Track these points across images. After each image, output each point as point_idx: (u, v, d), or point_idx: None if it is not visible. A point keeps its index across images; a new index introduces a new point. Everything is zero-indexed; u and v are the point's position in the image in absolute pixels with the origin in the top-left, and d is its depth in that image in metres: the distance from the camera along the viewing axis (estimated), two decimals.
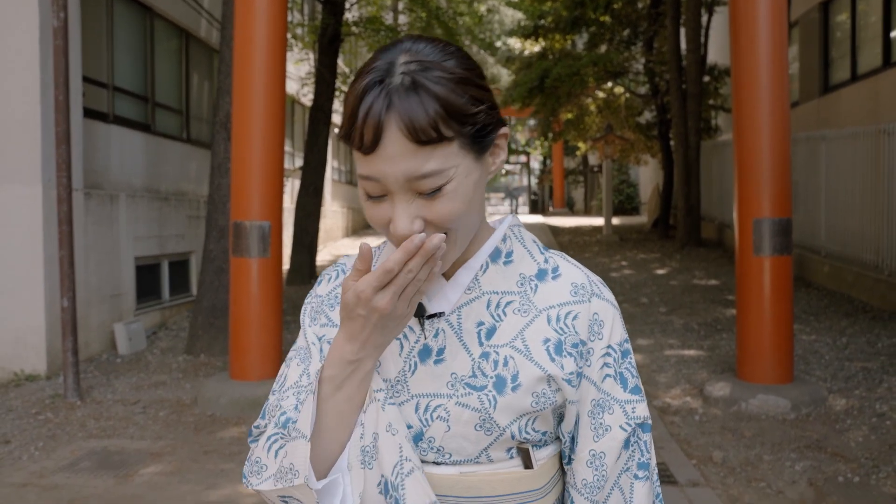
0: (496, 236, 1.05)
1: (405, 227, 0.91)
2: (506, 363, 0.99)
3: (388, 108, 0.88)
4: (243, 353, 5.39)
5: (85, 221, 6.66)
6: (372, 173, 0.91)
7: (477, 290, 1.02)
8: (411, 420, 1.00)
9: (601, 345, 1.01)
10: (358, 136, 0.90)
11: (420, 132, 0.87)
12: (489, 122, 0.95)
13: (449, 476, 1.00)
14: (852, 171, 8.46)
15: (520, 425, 0.99)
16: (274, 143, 5.38)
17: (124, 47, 7.85)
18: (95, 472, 4.17)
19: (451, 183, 0.91)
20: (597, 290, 1.03)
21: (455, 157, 0.91)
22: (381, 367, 1.02)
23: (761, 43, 4.94)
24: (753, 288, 5.03)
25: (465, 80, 0.91)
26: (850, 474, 3.94)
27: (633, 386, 1.03)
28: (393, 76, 0.89)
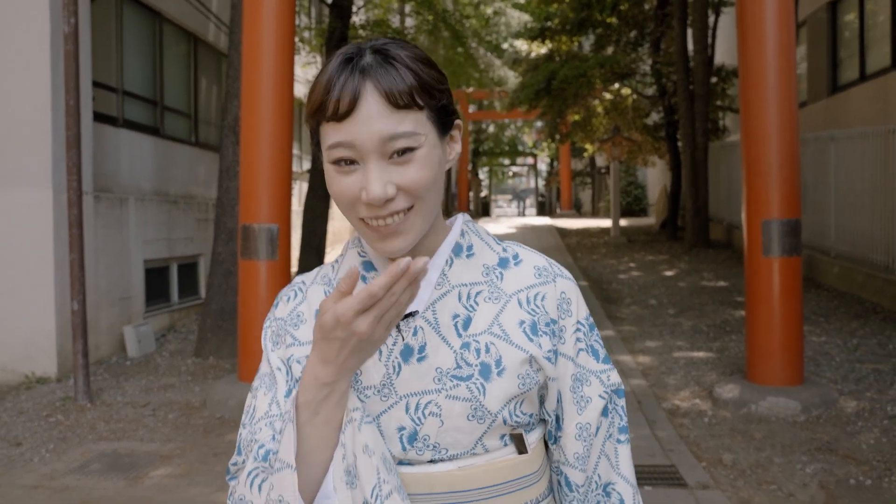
0: (454, 232, 1.09)
1: (378, 190, 0.94)
2: (487, 350, 1.01)
3: (364, 75, 0.94)
4: (252, 356, 5.40)
5: (95, 224, 6.69)
6: (346, 138, 0.94)
7: (446, 284, 1.04)
8: (403, 422, 1.00)
9: (571, 321, 1.07)
10: (333, 104, 0.94)
11: (398, 95, 0.93)
12: (450, 104, 1.01)
13: (448, 472, 1.01)
14: (861, 172, 8.42)
15: (510, 409, 1.02)
16: (282, 146, 5.40)
17: (133, 52, 7.89)
18: (105, 475, 4.18)
19: (422, 149, 0.96)
20: (558, 271, 1.09)
21: (424, 125, 0.97)
22: (364, 374, 1.02)
23: (769, 43, 4.93)
24: (763, 289, 5.01)
25: (428, 62, 0.99)
26: (861, 477, 3.92)
27: (604, 356, 1.10)
28: (363, 57, 0.95)
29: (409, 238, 0.99)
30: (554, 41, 16.82)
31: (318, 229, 10.87)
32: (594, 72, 15.20)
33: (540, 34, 16.80)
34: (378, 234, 0.98)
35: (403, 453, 1.01)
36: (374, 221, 0.97)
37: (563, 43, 16.80)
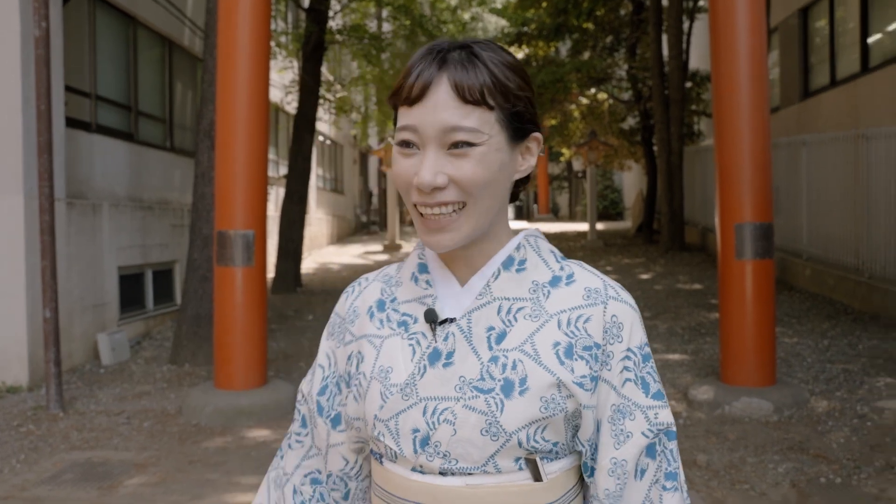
0: (510, 245, 1.07)
1: (428, 176, 0.96)
2: (514, 367, 0.99)
3: (441, 67, 0.97)
4: (228, 363, 5.37)
5: (67, 231, 6.62)
6: (412, 121, 0.97)
7: (488, 295, 1.03)
8: (418, 424, 1.01)
9: (621, 347, 1.01)
10: (408, 89, 0.97)
11: (467, 90, 0.95)
12: (528, 112, 1.02)
13: (455, 488, 1.00)
14: (832, 176, 8.56)
15: (528, 432, 0.98)
16: (258, 152, 5.38)
17: (107, 56, 7.82)
18: (78, 484, 4.13)
19: (482, 147, 0.97)
20: (613, 294, 1.03)
21: (491, 126, 0.97)
22: (393, 371, 1.04)
23: (741, 49, 5.00)
24: (736, 292, 5.08)
25: (517, 69, 1.01)
26: (832, 475, 3.98)
27: (656, 391, 1.02)
28: (452, 51, 0.99)
29: (455, 237, 0.99)
30: (531, 46, 16.92)
31: (295, 235, 10.84)
32: (571, 77, 15.31)
33: (517, 39, 16.90)
34: (426, 227, 1.00)
35: (415, 456, 1.01)
36: (424, 209, 0.99)
37: (540, 48, 16.90)
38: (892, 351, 6.06)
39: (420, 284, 1.08)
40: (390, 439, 1.03)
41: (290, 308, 9.46)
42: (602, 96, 17.73)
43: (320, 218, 18.12)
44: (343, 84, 15.94)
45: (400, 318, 1.08)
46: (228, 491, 4.02)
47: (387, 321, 1.09)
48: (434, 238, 0.99)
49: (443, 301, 1.06)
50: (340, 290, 10.99)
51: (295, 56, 12.87)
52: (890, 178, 7.31)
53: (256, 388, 5.37)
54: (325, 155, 19.68)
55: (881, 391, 5.12)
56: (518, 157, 1.03)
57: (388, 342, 1.07)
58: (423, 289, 1.08)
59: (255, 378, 5.38)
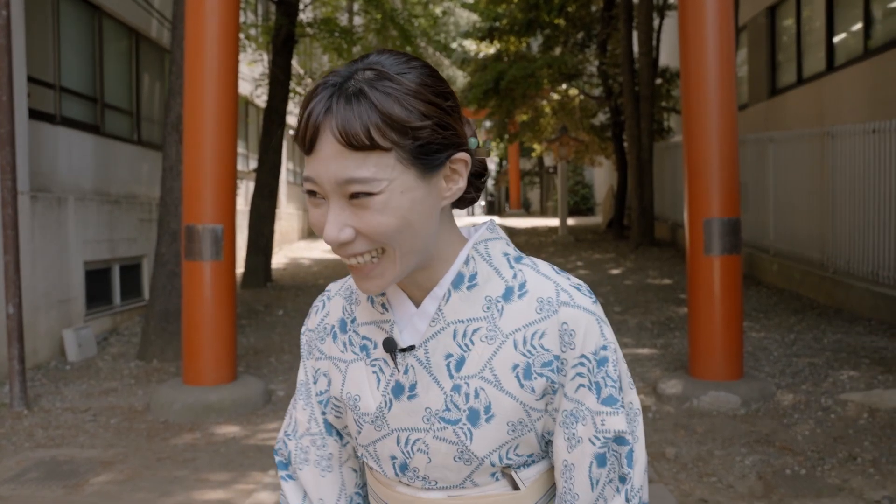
0: (459, 259, 1.01)
1: (333, 233, 0.90)
2: (476, 395, 0.98)
3: (326, 112, 0.88)
4: (197, 359, 5.31)
5: (31, 225, 6.49)
6: (309, 172, 0.92)
7: (441, 321, 1.00)
8: (395, 452, 1.03)
9: (574, 354, 0.98)
10: (300, 137, 0.91)
11: (351, 136, 0.87)
12: (436, 141, 0.92)
13: (439, 500, 1.03)
14: (799, 172, 8.69)
15: (500, 454, 0.99)
16: (226, 145, 5.32)
17: (72, 47, 7.67)
18: (43, 483, 4.06)
19: (383, 195, 0.89)
20: (566, 299, 0.99)
21: (390, 169, 0.89)
22: (361, 401, 1.04)
23: (709, 46, 5.04)
24: (704, 287, 5.14)
25: (415, 93, 0.90)
26: (797, 467, 4.04)
27: (607, 396, 0.99)
28: (347, 84, 0.89)
29: (381, 282, 0.94)
30: (502, 41, 16.95)
31: (265, 230, 10.76)
32: (542, 72, 15.37)
33: (488, 34, 16.91)
34: (354, 273, 0.96)
35: (396, 479, 1.05)
36: (344, 259, 0.94)
37: (512, 43, 16.93)
38: (856, 344, 6.18)
39: (376, 307, 1.06)
40: (372, 462, 1.07)
41: (260, 303, 9.38)
42: (573, 92, 17.81)
43: (291, 213, 17.99)
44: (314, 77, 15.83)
45: (361, 341, 1.07)
46: (197, 488, 3.98)
47: (349, 344, 1.08)
48: (363, 285, 0.96)
49: (400, 325, 1.03)
50: (311, 285, 10.94)
51: (265, 49, 12.75)
52: (854, 175, 7.44)
53: (226, 383, 5.32)
54: (296, 149, 19.52)
55: (844, 384, 5.22)
56: (441, 183, 0.95)
57: (352, 367, 1.07)
58: (381, 313, 1.05)
59: (224, 374, 5.33)
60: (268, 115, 10.96)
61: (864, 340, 6.28)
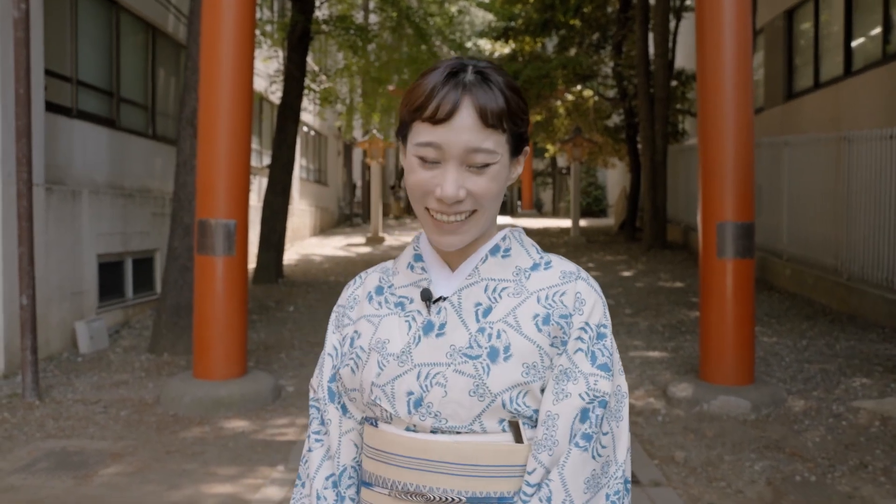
0: (498, 236, 1.20)
1: (452, 191, 1.07)
2: (499, 336, 1.11)
3: (465, 91, 1.07)
4: (207, 353, 5.33)
5: (46, 217, 6.54)
6: (437, 139, 1.07)
7: (476, 276, 1.16)
8: (412, 387, 1.12)
9: (580, 319, 1.12)
10: (434, 108, 1.07)
11: (490, 115, 1.07)
12: (526, 134, 1.15)
13: (445, 443, 1.11)
14: (813, 177, 8.63)
15: (511, 395, 1.09)
16: (240, 141, 5.33)
17: (89, 41, 7.72)
18: (54, 473, 4.09)
19: (497, 165, 1.10)
20: (584, 276, 1.17)
21: (503, 146, 1.10)
22: (390, 342, 1.15)
23: (726, 49, 5.01)
24: (716, 290, 5.11)
25: (517, 91, 1.12)
26: (807, 474, 4.01)
27: (602, 363, 1.12)
28: (466, 73, 1.09)
29: (465, 238, 1.12)
30: (517, 41, 16.93)
31: (278, 226, 10.79)
32: (556, 73, 15.33)
33: (503, 34, 16.89)
34: (439, 229, 1.12)
35: (409, 417, 1.12)
36: (439, 216, 1.11)
37: (527, 43, 16.91)
38: (869, 352, 6.13)
39: (416, 271, 1.21)
40: (386, 402, 1.14)
41: (271, 299, 9.41)
42: (587, 93, 17.77)
43: (303, 209, 18.03)
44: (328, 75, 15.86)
45: (397, 299, 1.20)
46: (205, 481, 3.99)
47: (385, 303, 1.21)
48: (446, 239, 1.12)
49: (436, 283, 1.18)
50: (322, 281, 10.96)
51: (280, 45, 12.77)
52: (870, 180, 7.38)
53: (236, 378, 5.34)
54: (309, 146, 19.58)
55: (857, 391, 5.18)
56: (512, 167, 1.16)
57: (385, 320, 1.19)
58: (419, 274, 1.20)
59: (234, 368, 5.34)
60: (282, 111, 10.98)
61: (877, 348, 6.23)
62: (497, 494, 1.10)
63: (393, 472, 1.14)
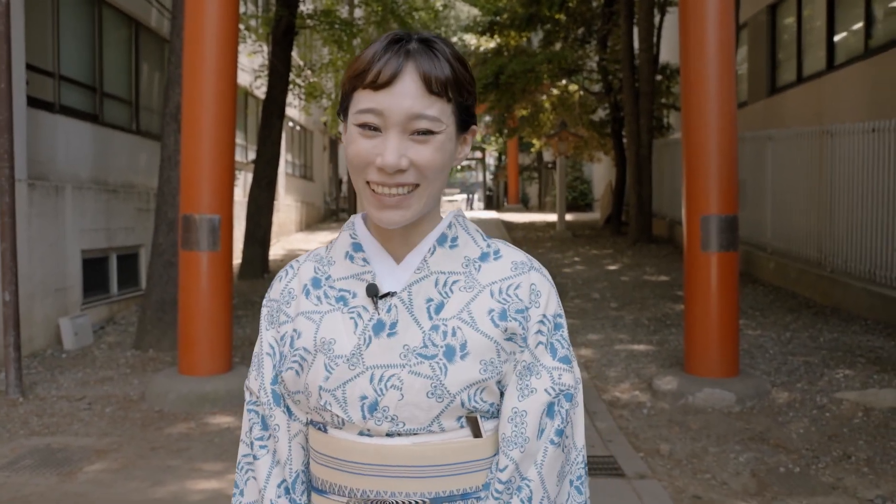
0: (442, 224, 1.15)
1: (393, 159, 1.02)
2: (454, 333, 1.07)
3: (408, 56, 1.03)
4: (192, 348, 5.31)
5: (29, 213, 6.48)
6: (378, 105, 1.02)
7: (426, 270, 1.11)
8: (366, 391, 1.06)
9: (537, 312, 1.10)
10: (374, 73, 1.02)
11: (434, 82, 1.02)
12: (472, 107, 1.10)
13: (403, 447, 1.07)
14: (797, 171, 8.69)
15: (469, 393, 1.06)
16: (225, 136, 5.30)
17: (71, 35, 7.64)
18: (37, 470, 4.06)
19: (441, 135, 1.04)
20: (536, 266, 1.14)
21: (448, 116, 1.05)
22: (336, 343, 1.08)
23: (709, 43, 5.04)
24: (701, 283, 5.14)
25: (466, 64, 1.08)
26: (791, 465, 4.05)
27: (563, 356, 1.12)
28: (410, 42, 1.04)
29: (406, 214, 1.06)
30: (503, 36, 16.91)
31: (263, 221, 10.74)
32: (542, 67, 15.33)
33: (489, 29, 16.87)
34: (380, 203, 1.05)
35: (363, 422, 1.07)
36: (379, 188, 1.04)
37: (512, 38, 16.90)
38: (852, 343, 6.19)
39: (356, 262, 1.14)
40: (338, 408, 1.08)
41: (256, 294, 9.37)
42: (573, 88, 17.79)
43: (289, 204, 17.96)
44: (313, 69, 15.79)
45: (337, 293, 1.13)
46: (190, 477, 3.98)
47: (324, 297, 1.13)
48: (387, 214, 1.06)
49: (381, 277, 1.12)
50: None
51: (265, 40, 12.71)
52: (852, 174, 7.44)
53: (221, 374, 5.32)
54: (295, 141, 19.50)
55: (840, 383, 5.23)
56: (458, 145, 1.11)
57: (328, 317, 1.11)
58: (361, 266, 1.13)
59: (219, 364, 5.32)
60: (267, 106, 10.93)
61: (860, 340, 6.29)
62: (460, 491, 1.08)
63: (349, 480, 1.09)
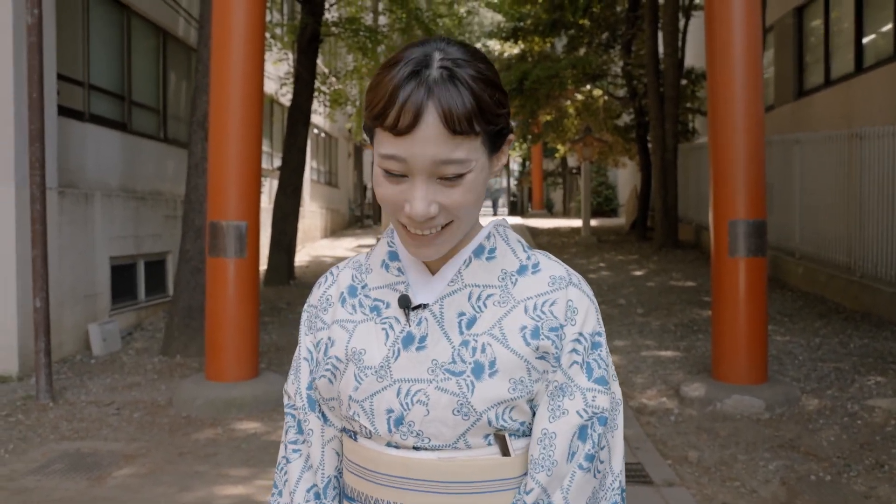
0: (481, 234, 1.11)
1: (422, 209, 0.98)
2: (483, 350, 1.03)
3: (429, 95, 0.94)
4: (219, 354, 5.35)
5: (59, 221, 6.58)
6: (400, 153, 0.96)
7: (459, 282, 1.07)
8: (392, 404, 1.05)
9: (573, 330, 1.05)
10: (395, 117, 0.95)
11: (457, 122, 0.94)
12: (506, 127, 1.04)
13: (428, 461, 1.05)
14: (826, 174, 8.57)
15: (497, 412, 1.03)
16: (251, 143, 5.35)
17: (100, 45, 7.77)
18: (67, 475, 4.12)
19: (471, 174, 0.99)
20: (575, 281, 1.08)
21: (477, 151, 0.98)
22: (367, 354, 1.07)
23: (736, 47, 4.99)
24: (728, 289, 5.08)
25: (492, 82, 0.99)
26: (822, 473, 3.99)
27: (599, 377, 1.06)
28: (431, 68, 0.95)
29: (441, 249, 1.04)
30: (526, 42, 16.90)
31: (289, 228, 10.82)
32: (566, 73, 15.30)
33: (513, 34, 16.88)
34: (414, 242, 1.03)
35: (389, 435, 1.06)
36: (413, 229, 1.01)
37: (536, 43, 16.88)
38: (883, 350, 6.08)
39: (391, 272, 1.12)
40: (365, 419, 1.07)
41: (282, 301, 9.43)
42: (597, 93, 17.71)
43: (314, 211, 18.07)
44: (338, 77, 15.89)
45: (372, 303, 1.12)
46: (218, 483, 4.00)
47: (359, 306, 1.13)
48: (422, 251, 1.04)
49: (415, 288, 1.10)
50: None
51: (290, 48, 12.82)
52: (883, 177, 7.32)
53: (248, 379, 5.36)
54: (320, 148, 19.63)
55: (871, 389, 5.14)
56: (493, 161, 1.05)
57: (360, 326, 1.10)
58: (395, 276, 1.11)
59: (246, 370, 5.36)
60: (292, 113, 11.02)
61: (891, 346, 6.18)
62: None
63: (374, 490, 1.08)
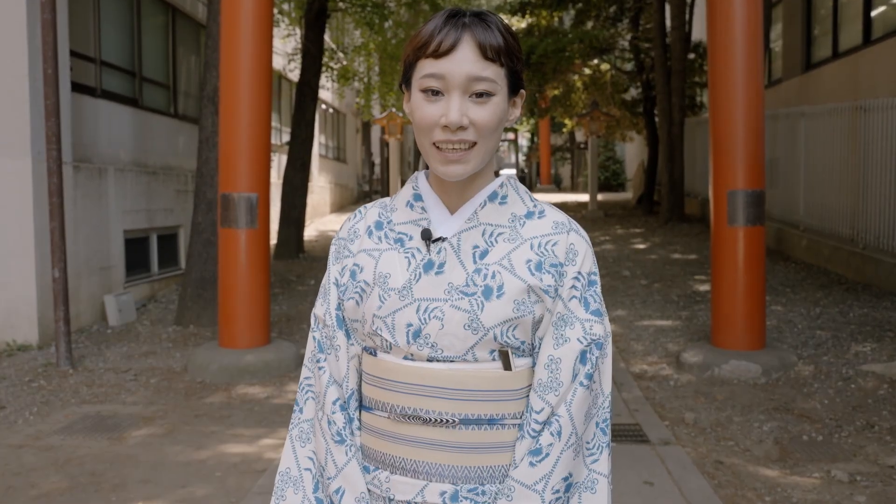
0: (495, 182, 1.31)
1: (457, 117, 1.17)
2: (493, 276, 1.22)
3: (465, 27, 1.18)
4: (232, 322, 5.52)
5: (74, 195, 6.74)
6: (440, 70, 1.17)
7: (475, 221, 1.26)
8: (412, 319, 1.23)
9: (573, 270, 1.24)
10: (436, 44, 1.17)
11: (489, 49, 1.17)
12: (520, 73, 1.25)
13: (440, 370, 1.22)
14: (830, 147, 8.62)
15: (502, 329, 1.21)
16: (261, 116, 5.47)
17: (111, 21, 7.87)
18: (89, 434, 4.31)
19: (497, 96, 1.19)
20: (575, 227, 1.28)
21: (501, 79, 1.20)
22: (391, 277, 1.25)
23: (736, 18, 5.06)
24: (727, 257, 5.20)
25: (514, 34, 1.23)
26: (814, 433, 4.13)
27: (595, 309, 1.25)
28: (465, 16, 1.20)
29: (467, 167, 1.21)
30: (534, 16, 16.85)
31: (297, 202, 10.95)
32: (573, 47, 15.27)
33: (520, 8, 16.81)
34: (445, 159, 1.20)
35: (407, 346, 1.23)
36: (444, 145, 1.19)
37: (543, 17, 16.83)
38: (881, 318, 6.19)
39: (415, 210, 1.30)
40: (387, 332, 1.25)
41: (292, 273, 9.60)
42: (604, 67, 17.69)
43: (322, 186, 18.20)
44: (346, 52, 15.93)
45: (396, 235, 1.29)
46: (230, 441, 4.19)
47: (384, 238, 1.30)
48: (450, 168, 1.21)
49: (436, 224, 1.28)
50: None
51: (298, 24, 12.87)
52: (886, 149, 7.38)
53: (259, 347, 5.53)
54: (328, 123, 19.70)
55: (867, 355, 5.26)
56: (509, 107, 1.25)
57: (385, 254, 1.28)
58: (419, 213, 1.29)
59: (258, 337, 5.53)
60: (301, 88, 11.10)
61: (890, 315, 6.29)
62: (487, 416, 1.23)
63: (392, 397, 1.25)
